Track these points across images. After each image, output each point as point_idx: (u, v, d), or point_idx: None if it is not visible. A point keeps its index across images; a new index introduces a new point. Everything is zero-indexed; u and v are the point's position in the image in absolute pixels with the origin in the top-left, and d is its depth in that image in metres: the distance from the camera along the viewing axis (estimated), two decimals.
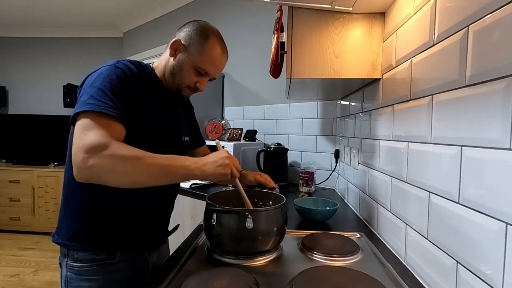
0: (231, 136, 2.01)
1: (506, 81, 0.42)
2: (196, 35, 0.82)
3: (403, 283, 0.65)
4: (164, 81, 0.87)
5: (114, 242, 0.79)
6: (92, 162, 0.62)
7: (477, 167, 0.49)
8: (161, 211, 0.92)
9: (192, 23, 0.85)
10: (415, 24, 0.73)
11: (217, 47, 0.84)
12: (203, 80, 0.87)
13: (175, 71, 0.84)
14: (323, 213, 1.11)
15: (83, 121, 0.66)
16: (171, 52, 0.83)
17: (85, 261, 0.77)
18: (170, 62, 0.84)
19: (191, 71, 0.84)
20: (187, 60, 0.83)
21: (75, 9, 3.31)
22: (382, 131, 0.94)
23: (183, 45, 0.82)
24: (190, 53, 0.82)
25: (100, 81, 0.70)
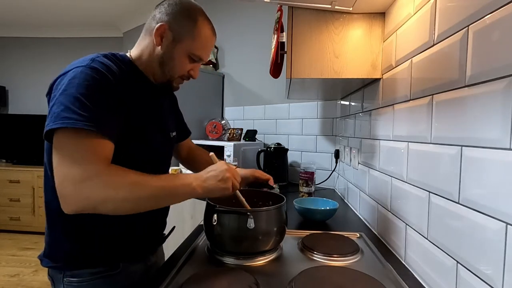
0: (231, 136, 2.01)
1: (506, 81, 0.42)
2: (183, 18, 0.72)
3: (403, 283, 0.65)
4: (149, 74, 0.76)
5: (114, 254, 0.74)
6: (86, 194, 0.55)
7: (477, 167, 0.49)
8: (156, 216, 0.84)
9: (174, 1, 0.74)
10: (415, 24, 0.73)
11: (208, 29, 0.76)
12: (196, 66, 0.79)
13: (165, 61, 0.73)
14: (323, 213, 1.11)
15: (63, 142, 0.57)
16: (157, 40, 0.72)
17: (86, 275, 0.69)
18: (157, 52, 0.73)
19: (185, 60, 0.74)
20: (179, 48, 0.73)
21: (75, 9, 3.31)
22: (382, 131, 0.94)
23: (170, 31, 0.71)
24: (181, 39, 0.72)
25: (75, 87, 0.58)
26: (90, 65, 0.63)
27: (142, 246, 0.81)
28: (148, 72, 0.76)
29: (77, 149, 0.57)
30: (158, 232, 0.89)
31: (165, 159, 0.88)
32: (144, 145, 0.74)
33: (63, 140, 0.57)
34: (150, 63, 0.75)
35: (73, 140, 0.57)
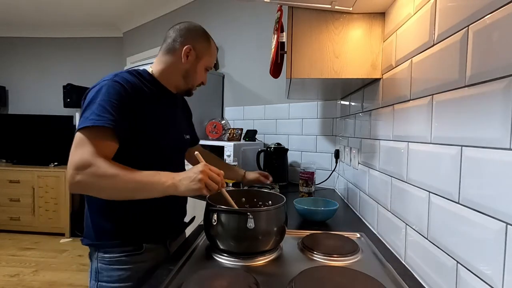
0: (231, 136, 2.01)
1: (506, 81, 0.42)
2: (202, 40, 0.93)
3: (403, 283, 0.66)
4: (170, 85, 0.94)
5: (139, 235, 0.86)
6: (77, 179, 0.69)
7: (477, 167, 0.49)
8: (176, 203, 0.96)
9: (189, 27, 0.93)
10: (415, 24, 0.73)
11: (214, 45, 0.98)
12: (206, 75, 0.99)
13: (190, 74, 0.93)
14: (323, 213, 1.11)
15: (78, 137, 0.73)
16: (184, 58, 0.90)
17: (116, 252, 0.83)
18: (183, 67, 0.92)
19: (202, 71, 0.96)
20: (201, 64, 0.94)
21: (75, 9, 3.31)
22: (382, 131, 0.94)
23: (194, 51, 0.91)
24: (202, 57, 0.93)
25: (100, 97, 0.75)
26: (113, 79, 0.79)
27: (162, 230, 0.92)
28: (170, 83, 0.94)
29: (84, 143, 0.72)
30: (177, 219, 1.01)
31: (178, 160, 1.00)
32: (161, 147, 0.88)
33: (79, 135, 0.73)
34: (174, 76, 0.93)
35: (85, 135, 0.72)
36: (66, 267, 2.60)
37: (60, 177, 3.30)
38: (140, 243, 0.86)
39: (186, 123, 1.09)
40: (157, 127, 0.87)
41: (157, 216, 0.89)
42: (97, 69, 3.91)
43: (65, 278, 2.42)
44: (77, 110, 3.72)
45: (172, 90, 0.95)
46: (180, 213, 1.03)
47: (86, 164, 0.69)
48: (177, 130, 0.97)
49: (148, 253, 0.86)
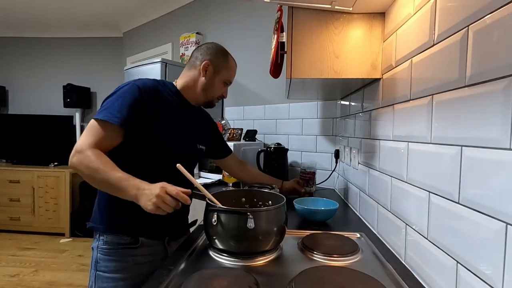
0: (231, 136, 2.01)
1: (506, 81, 0.43)
2: (219, 56, 1.03)
3: (403, 283, 0.66)
4: (191, 98, 1.03)
5: (135, 228, 0.91)
6: (72, 160, 0.80)
7: (477, 167, 0.49)
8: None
9: (210, 45, 1.04)
10: (415, 24, 0.73)
11: (233, 61, 1.08)
12: (226, 88, 1.08)
13: (208, 88, 1.01)
14: (323, 213, 1.11)
15: (90, 124, 0.84)
16: (202, 73, 1.00)
17: (113, 244, 0.90)
18: (201, 81, 1.01)
19: (222, 85, 1.04)
20: (219, 77, 1.02)
21: (75, 9, 3.31)
22: (382, 131, 0.94)
23: (211, 66, 1.00)
24: (219, 71, 1.02)
25: (117, 95, 0.86)
26: (135, 83, 0.90)
27: (160, 227, 0.95)
28: (191, 96, 1.02)
29: (89, 132, 0.82)
30: (177, 217, 1.01)
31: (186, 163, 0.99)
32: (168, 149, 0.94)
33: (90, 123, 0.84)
34: (194, 89, 1.02)
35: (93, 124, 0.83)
36: (66, 267, 2.60)
37: (60, 177, 3.30)
38: (136, 236, 0.90)
39: (206, 136, 1.15)
40: (167, 132, 0.94)
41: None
42: (97, 69, 3.91)
43: (65, 278, 2.42)
44: (77, 110, 3.72)
45: (192, 103, 1.03)
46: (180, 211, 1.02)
47: (80, 150, 0.79)
48: (188, 138, 1.03)
49: (144, 248, 0.91)
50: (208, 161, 1.97)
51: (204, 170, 1.99)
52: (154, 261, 0.92)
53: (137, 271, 0.90)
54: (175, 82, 1.03)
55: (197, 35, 2.60)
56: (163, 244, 0.96)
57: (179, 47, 2.72)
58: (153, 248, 0.94)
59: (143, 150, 0.90)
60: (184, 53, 2.68)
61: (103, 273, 0.89)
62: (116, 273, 0.89)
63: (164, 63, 2.04)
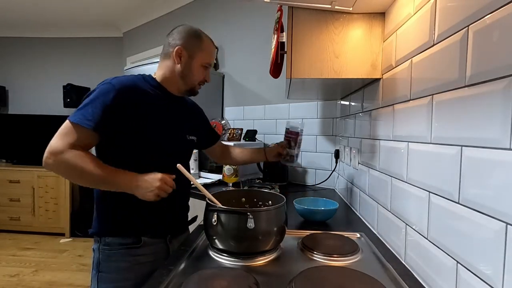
0: (231, 136, 2.01)
1: (506, 81, 0.42)
2: (192, 38, 0.94)
3: (403, 283, 0.65)
4: (172, 88, 0.97)
5: (138, 228, 0.90)
6: (49, 162, 0.78)
7: (477, 167, 0.49)
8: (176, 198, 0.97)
9: (180, 29, 0.96)
10: (415, 24, 0.73)
11: (208, 41, 0.98)
12: (207, 72, 0.99)
13: (186, 75, 0.95)
14: (323, 213, 1.11)
15: (64, 125, 0.81)
16: (176, 60, 0.93)
17: (114, 245, 0.88)
18: (178, 69, 0.94)
19: (201, 69, 0.96)
20: (195, 62, 0.95)
21: (75, 9, 3.31)
22: (382, 131, 0.94)
23: (185, 51, 0.93)
24: (195, 55, 0.94)
25: (91, 97, 0.83)
26: (109, 81, 0.85)
27: (162, 225, 0.95)
28: (171, 86, 0.97)
29: (63, 132, 0.80)
30: (178, 214, 1.03)
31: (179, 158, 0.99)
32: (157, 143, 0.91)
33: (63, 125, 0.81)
34: (173, 79, 0.96)
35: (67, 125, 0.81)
36: (66, 267, 2.60)
37: (60, 177, 3.30)
38: (139, 236, 0.90)
39: (194, 126, 1.10)
40: (156, 128, 0.90)
41: (156, 210, 0.91)
42: (97, 69, 3.91)
43: (65, 278, 2.42)
44: None
45: (175, 93, 0.99)
46: (181, 209, 1.05)
47: (56, 152, 0.78)
48: (178, 131, 0.99)
49: (147, 247, 0.91)
50: (208, 161, 1.97)
51: (204, 170, 1.99)
52: (156, 260, 0.92)
53: (139, 271, 0.89)
54: (154, 74, 0.99)
55: None
56: (165, 242, 0.96)
57: None
58: (155, 247, 0.93)
59: (135, 150, 0.88)
60: None
61: (105, 274, 0.88)
62: (118, 274, 0.88)
63: None
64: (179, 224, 1.04)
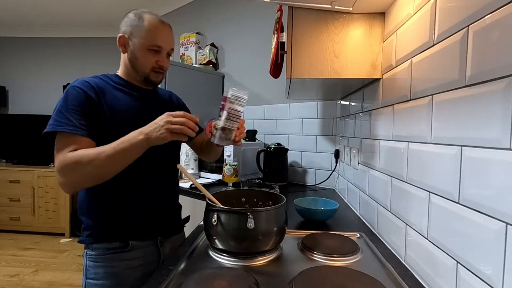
0: None
1: (506, 81, 0.42)
2: (132, 22, 0.88)
3: (403, 283, 0.65)
4: (132, 79, 0.92)
5: (124, 232, 0.87)
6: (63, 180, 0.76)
7: (477, 167, 0.49)
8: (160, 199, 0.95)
9: (124, 17, 0.91)
10: (415, 24, 0.73)
11: (154, 20, 0.88)
12: (161, 56, 0.90)
13: (133, 63, 0.89)
14: (323, 213, 1.11)
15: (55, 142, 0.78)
16: (122, 49, 0.90)
17: (101, 250, 0.85)
18: (125, 58, 0.91)
19: (146, 54, 0.87)
20: (138, 46, 0.87)
21: (75, 9, 3.31)
22: (382, 131, 0.94)
23: (126, 37, 0.88)
24: (136, 38, 0.87)
25: (60, 103, 0.80)
26: (72, 85, 0.82)
27: (150, 227, 0.91)
28: (132, 78, 0.92)
29: (58, 147, 0.77)
30: (168, 214, 0.98)
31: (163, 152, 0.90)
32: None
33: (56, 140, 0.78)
34: (128, 70, 0.92)
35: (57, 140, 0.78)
36: (66, 267, 2.60)
37: None
38: (126, 240, 0.86)
39: None
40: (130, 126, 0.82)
41: (141, 211, 0.89)
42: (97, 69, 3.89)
43: (65, 278, 2.42)
44: None
45: (140, 85, 0.94)
46: (170, 208, 1.01)
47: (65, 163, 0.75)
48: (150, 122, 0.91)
49: (135, 250, 0.87)
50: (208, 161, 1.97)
51: (204, 170, 1.99)
52: (146, 264, 0.89)
53: (128, 276, 0.86)
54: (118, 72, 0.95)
55: (197, 35, 2.60)
56: (156, 244, 0.92)
57: (179, 47, 2.72)
58: (144, 250, 0.89)
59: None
60: (184, 53, 2.68)
61: (92, 280, 0.85)
62: (106, 280, 0.85)
63: None
64: (170, 225, 1.00)
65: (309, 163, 1.91)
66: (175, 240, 1.00)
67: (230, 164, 1.68)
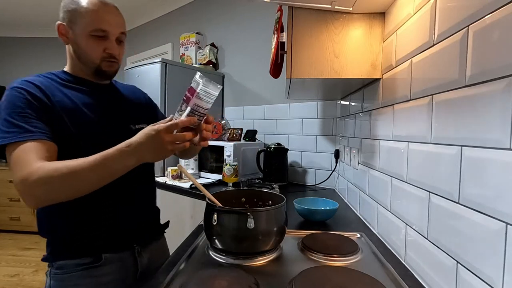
0: (231, 136, 2.01)
1: (506, 81, 0.42)
2: (68, 8, 0.77)
3: (403, 283, 0.65)
4: (81, 73, 0.82)
5: (95, 244, 0.76)
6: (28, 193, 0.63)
7: (477, 167, 0.49)
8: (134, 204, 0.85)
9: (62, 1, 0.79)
10: (415, 24, 0.73)
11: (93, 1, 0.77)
12: (108, 43, 0.78)
13: (78, 52, 0.78)
14: (323, 213, 1.11)
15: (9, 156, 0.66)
16: (63, 39, 0.79)
17: (69, 267, 0.74)
18: (69, 50, 0.80)
19: (90, 41, 0.76)
20: (79, 33, 0.76)
21: None
22: (382, 131, 0.94)
23: (65, 25, 0.77)
24: (75, 25, 0.76)
25: (4, 110, 0.68)
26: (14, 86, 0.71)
27: (125, 236, 0.81)
28: (81, 72, 0.82)
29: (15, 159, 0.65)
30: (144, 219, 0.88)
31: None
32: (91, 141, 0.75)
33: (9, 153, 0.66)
34: (75, 63, 0.81)
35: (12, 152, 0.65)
36: None
37: None
38: (98, 253, 0.76)
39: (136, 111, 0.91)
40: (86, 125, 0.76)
41: (113, 220, 0.79)
42: None
43: None
44: None
45: (92, 79, 0.83)
46: (146, 213, 0.90)
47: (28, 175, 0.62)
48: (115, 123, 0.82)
49: (109, 264, 0.77)
50: (208, 161, 1.97)
51: (204, 170, 1.99)
52: (121, 279, 0.79)
53: None
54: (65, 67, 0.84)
55: (197, 35, 2.60)
56: (133, 255, 0.82)
57: (179, 47, 2.72)
58: (120, 263, 0.79)
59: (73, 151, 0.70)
60: (184, 53, 2.68)
61: None
62: None
63: (164, 63, 2.04)
64: (148, 232, 0.90)
65: (309, 163, 1.91)
66: (155, 248, 0.90)
67: (230, 164, 1.68)
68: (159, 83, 2.02)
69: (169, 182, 1.81)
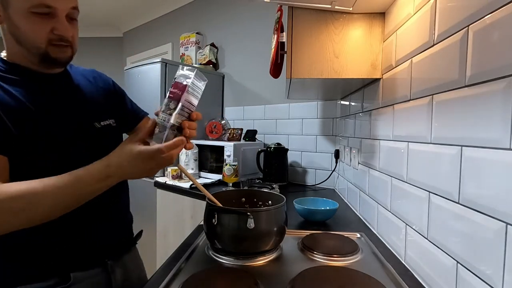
0: (231, 136, 2.01)
1: (506, 81, 0.43)
2: None
3: (403, 283, 0.65)
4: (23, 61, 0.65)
5: (60, 263, 0.66)
6: None
7: (477, 167, 0.49)
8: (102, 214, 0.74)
9: None
10: (415, 24, 0.73)
11: None
12: (56, 22, 0.61)
13: (17, 34, 0.61)
14: (323, 213, 1.11)
15: None
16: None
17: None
18: (5, 32, 0.63)
19: (30, 20, 0.59)
20: (16, 11, 0.59)
21: None
22: (382, 131, 0.94)
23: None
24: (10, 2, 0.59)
25: None
26: None
27: (95, 250, 0.72)
28: (22, 60, 0.64)
29: None
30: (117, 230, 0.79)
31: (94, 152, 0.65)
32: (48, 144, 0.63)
33: None
34: (13, 49, 0.64)
35: None
36: None
37: None
38: (65, 273, 0.65)
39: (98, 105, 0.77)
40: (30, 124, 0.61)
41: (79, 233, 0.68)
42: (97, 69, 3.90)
43: None
44: None
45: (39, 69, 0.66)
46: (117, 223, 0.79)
47: None
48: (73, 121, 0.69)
49: (78, 284, 0.66)
50: (208, 161, 1.97)
51: (204, 170, 1.99)
52: None
53: None
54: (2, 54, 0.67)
55: (197, 35, 2.60)
56: (105, 271, 0.72)
57: (179, 47, 2.72)
58: (90, 281, 0.69)
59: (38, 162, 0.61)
60: (184, 53, 2.68)
61: None
62: None
63: (164, 63, 2.04)
64: (121, 244, 0.79)
65: (309, 163, 1.91)
66: (127, 261, 0.80)
67: (230, 164, 1.68)
68: (159, 83, 2.02)
69: (169, 182, 1.81)
